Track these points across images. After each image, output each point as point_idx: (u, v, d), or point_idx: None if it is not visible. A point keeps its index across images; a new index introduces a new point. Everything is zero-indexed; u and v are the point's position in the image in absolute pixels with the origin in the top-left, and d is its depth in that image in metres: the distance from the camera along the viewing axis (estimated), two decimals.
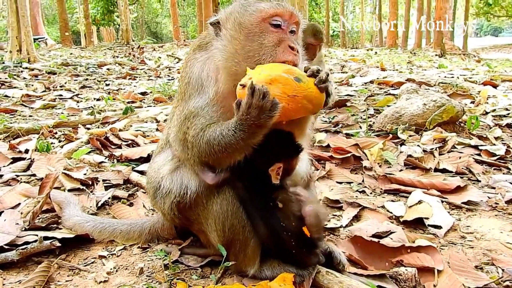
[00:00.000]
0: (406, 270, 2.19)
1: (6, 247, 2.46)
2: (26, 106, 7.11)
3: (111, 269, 2.36)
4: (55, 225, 2.86)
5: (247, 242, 2.13)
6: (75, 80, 10.66)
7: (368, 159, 3.92)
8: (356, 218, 2.91)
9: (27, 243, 2.50)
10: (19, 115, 6.39)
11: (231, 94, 2.00)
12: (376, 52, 25.66)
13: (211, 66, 2.12)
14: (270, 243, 2.13)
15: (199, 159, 2.07)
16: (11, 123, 5.50)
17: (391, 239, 2.50)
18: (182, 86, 2.23)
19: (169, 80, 10.70)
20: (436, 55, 23.33)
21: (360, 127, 5.17)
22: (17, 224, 2.74)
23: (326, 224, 2.75)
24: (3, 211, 2.92)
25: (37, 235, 2.54)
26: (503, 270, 2.18)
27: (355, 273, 2.19)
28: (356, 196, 3.28)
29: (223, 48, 2.06)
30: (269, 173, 2.05)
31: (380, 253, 2.25)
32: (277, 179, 2.06)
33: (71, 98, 8.20)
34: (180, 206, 2.23)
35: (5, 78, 10.33)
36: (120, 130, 5.09)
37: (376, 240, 2.45)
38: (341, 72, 11.26)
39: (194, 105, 2.10)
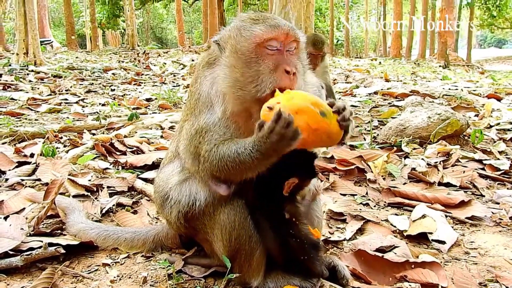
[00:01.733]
0: (410, 286, 2.19)
1: (11, 252, 2.47)
2: (32, 110, 7.15)
3: (114, 277, 2.37)
4: (59, 231, 2.87)
5: (252, 253, 2.13)
6: (80, 84, 10.72)
7: (372, 172, 3.92)
8: (360, 231, 2.91)
9: (31, 249, 2.51)
10: (25, 119, 6.42)
11: (241, 113, 2.06)
12: (380, 62, 25.70)
13: (218, 86, 2.13)
14: (277, 251, 2.14)
15: (210, 174, 2.09)
16: (17, 126, 5.53)
17: (395, 253, 2.49)
18: (192, 102, 2.25)
19: (174, 86, 10.74)
20: (440, 66, 23.36)
21: (364, 138, 5.18)
22: (22, 229, 2.75)
23: None
24: (8, 216, 2.93)
25: (41, 241, 2.55)
26: (507, 287, 2.17)
27: None
28: (360, 209, 3.28)
29: (224, 76, 2.07)
30: (283, 184, 2.08)
31: (384, 268, 2.25)
32: (287, 192, 2.10)
33: (76, 102, 8.25)
34: (188, 216, 2.24)
35: (12, 81, 10.39)
36: (125, 136, 5.11)
37: (380, 254, 2.45)
38: (345, 82, 11.28)
39: (206, 120, 2.12)
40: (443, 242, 2.70)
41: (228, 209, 2.12)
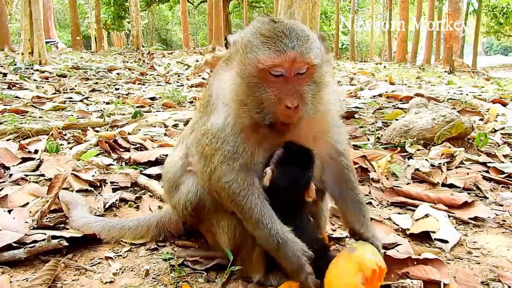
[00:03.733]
0: (411, 282, 2.18)
1: (15, 244, 2.48)
2: (36, 108, 7.19)
3: (117, 270, 2.38)
4: (62, 225, 2.89)
5: (255, 248, 2.13)
6: (85, 83, 10.77)
7: (375, 171, 3.92)
8: None
9: (35, 241, 2.52)
10: (30, 116, 6.46)
11: (249, 126, 1.99)
12: (385, 66, 25.69)
13: (226, 94, 2.05)
14: None
15: (209, 184, 2.12)
16: (21, 123, 5.55)
17: (397, 251, 2.49)
18: (206, 97, 2.24)
19: (178, 86, 10.77)
20: (445, 71, 23.30)
21: (368, 139, 5.17)
22: (26, 222, 2.77)
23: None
24: (12, 210, 2.95)
25: (45, 234, 2.57)
26: (509, 287, 2.16)
27: None
28: None
29: (230, 88, 1.99)
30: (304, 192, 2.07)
31: (387, 264, 2.24)
32: (310, 198, 2.09)
33: (80, 101, 8.29)
34: (196, 206, 2.25)
35: (16, 80, 10.46)
36: (128, 133, 5.13)
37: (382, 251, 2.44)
38: (350, 85, 11.28)
39: (214, 124, 2.07)
40: (445, 242, 2.69)
41: None
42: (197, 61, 17.77)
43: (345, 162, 2.26)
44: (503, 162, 4.37)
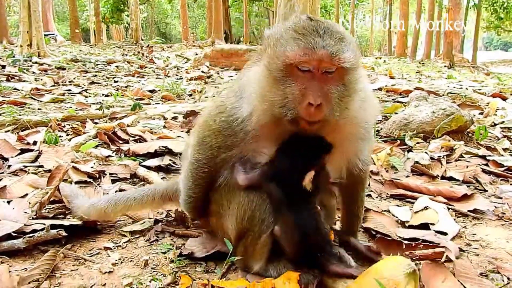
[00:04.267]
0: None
1: (14, 234, 2.48)
2: (35, 99, 7.16)
3: (116, 260, 2.38)
4: (62, 216, 2.88)
5: (260, 236, 2.11)
6: (84, 76, 10.73)
7: (375, 164, 3.92)
8: (362, 220, 2.88)
9: (34, 231, 2.52)
10: (28, 108, 6.44)
11: (268, 124, 1.99)
12: (384, 61, 25.64)
13: (251, 88, 2.05)
14: (293, 241, 2.09)
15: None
16: (20, 115, 5.53)
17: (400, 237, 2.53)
18: (233, 84, 2.26)
19: (177, 79, 10.74)
20: (445, 66, 23.27)
21: (373, 133, 5.17)
22: (25, 212, 2.76)
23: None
24: (11, 201, 2.94)
25: (44, 224, 2.56)
26: (508, 278, 2.17)
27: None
28: None
29: (256, 81, 2.00)
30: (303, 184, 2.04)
31: (394, 247, 2.28)
32: (310, 185, 2.04)
33: (79, 93, 8.27)
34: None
35: (15, 72, 10.41)
36: (128, 125, 5.12)
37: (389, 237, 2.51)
38: None
39: (230, 102, 2.11)
40: (445, 234, 2.69)
41: (251, 188, 2.10)
42: (196, 54, 17.73)
43: (359, 177, 2.30)
44: (502, 155, 4.38)
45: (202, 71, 12.41)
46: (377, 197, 3.39)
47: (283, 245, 2.11)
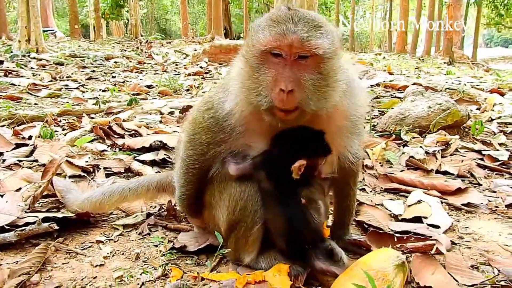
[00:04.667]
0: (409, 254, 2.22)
1: (7, 227, 2.48)
2: (32, 95, 7.15)
3: (107, 253, 2.38)
4: (55, 210, 2.88)
5: (252, 227, 2.11)
6: (82, 71, 10.71)
7: (369, 158, 3.91)
8: (355, 213, 2.88)
9: (27, 224, 2.52)
10: (24, 103, 6.42)
11: (251, 115, 2.00)
12: (384, 57, 25.57)
13: (235, 74, 2.07)
14: (281, 233, 2.10)
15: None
16: (16, 109, 5.53)
17: (392, 230, 2.53)
18: (226, 78, 2.25)
19: (175, 75, 10.72)
20: (444, 62, 23.18)
21: (364, 127, 5.15)
22: (19, 206, 2.76)
23: None
24: (4, 194, 2.94)
25: (37, 217, 2.56)
26: (499, 270, 2.16)
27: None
28: None
29: (237, 73, 2.02)
30: (291, 168, 2.00)
31: (385, 240, 2.28)
32: (298, 175, 1.99)
33: (76, 88, 8.25)
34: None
35: (13, 67, 10.39)
36: (124, 120, 5.11)
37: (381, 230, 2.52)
38: None
39: (217, 97, 2.13)
40: (437, 227, 2.69)
41: (243, 178, 2.10)
42: (195, 50, 17.68)
43: (351, 170, 2.29)
44: (498, 150, 4.37)
45: (201, 67, 12.39)
46: (371, 191, 3.38)
47: (272, 237, 2.11)
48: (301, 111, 1.86)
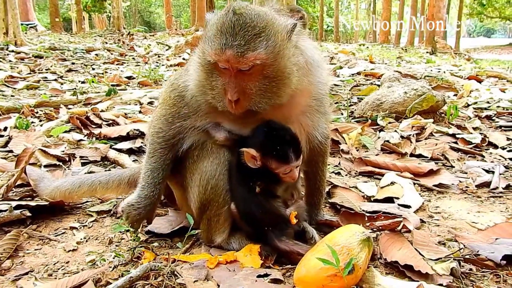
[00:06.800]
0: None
1: None
2: (8, 87, 7.02)
3: (81, 239, 2.38)
4: (29, 198, 2.85)
5: (223, 206, 2.14)
6: (61, 63, 10.53)
7: (346, 143, 3.96)
8: (329, 195, 2.93)
9: (0, 212, 2.50)
10: (1, 95, 6.31)
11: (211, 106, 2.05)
12: (367, 47, 25.70)
13: (192, 69, 2.12)
14: (242, 214, 2.14)
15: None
16: None
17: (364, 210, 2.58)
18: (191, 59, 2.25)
19: (156, 66, 10.63)
20: (427, 52, 23.40)
21: (342, 113, 5.20)
22: None
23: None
24: None
25: (10, 205, 2.54)
26: (464, 245, 2.22)
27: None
28: (330, 176, 3.31)
29: (193, 67, 2.07)
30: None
31: (357, 219, 2.32)
32: (250, 163, 2.04)
33: (55, 80, 8.13)
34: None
35: None
36: (102, 111, 5.06)
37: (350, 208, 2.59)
38: (330, 64, 11.27)
39: (184, 82, 2.17)
40: (408, 207, 2.75)
41: (213, 157, 2.13)
42: (178, 41, 17.52)
43: (319, 150, 2.33)
44: (471, 133, 4.45)
45: (183, 58, 12.28)
46: (346, 175, 3.43)
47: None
48: (255, 109, 1.95)
